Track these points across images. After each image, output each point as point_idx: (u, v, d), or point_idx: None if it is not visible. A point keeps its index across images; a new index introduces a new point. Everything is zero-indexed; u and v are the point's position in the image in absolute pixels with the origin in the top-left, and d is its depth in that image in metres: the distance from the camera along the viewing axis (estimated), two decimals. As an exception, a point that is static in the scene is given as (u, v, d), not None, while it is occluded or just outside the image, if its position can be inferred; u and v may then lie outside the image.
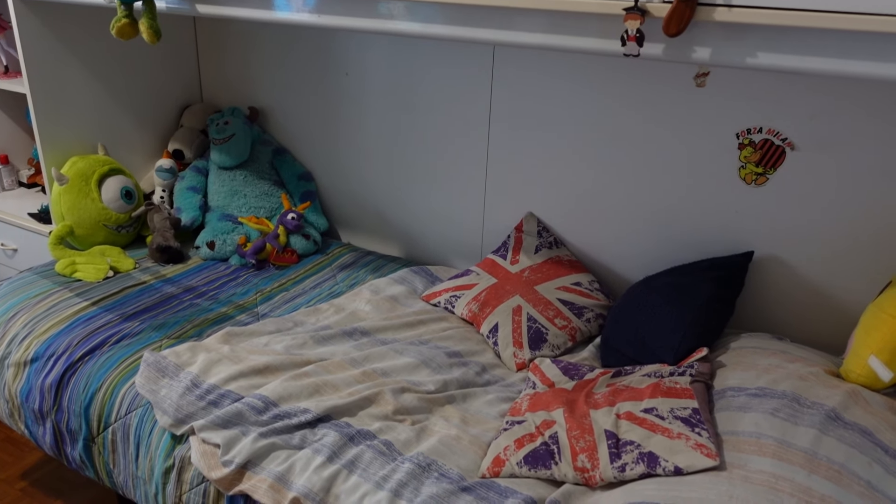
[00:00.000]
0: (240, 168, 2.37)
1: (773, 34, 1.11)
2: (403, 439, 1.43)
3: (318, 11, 1.52)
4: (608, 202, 1.95)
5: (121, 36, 1.68)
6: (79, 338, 1.74)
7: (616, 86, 1.83)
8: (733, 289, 1.71)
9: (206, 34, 2.54)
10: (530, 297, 1.87)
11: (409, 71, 2.15)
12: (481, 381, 1.68)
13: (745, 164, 1.72)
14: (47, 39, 2.11)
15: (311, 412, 1.46)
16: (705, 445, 1.23)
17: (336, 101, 2.33)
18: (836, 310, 1.73)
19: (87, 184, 2.17)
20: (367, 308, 1.94)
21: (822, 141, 1.62)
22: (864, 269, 1.67)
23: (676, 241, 1.88)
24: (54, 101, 2.18)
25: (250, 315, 1.92)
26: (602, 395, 1.46)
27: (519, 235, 2.07)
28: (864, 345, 1.40)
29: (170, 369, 1.60)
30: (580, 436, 1.34)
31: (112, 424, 1.60)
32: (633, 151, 1.86)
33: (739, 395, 1.37)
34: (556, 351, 1.79)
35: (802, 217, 1.70)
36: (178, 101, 2.57)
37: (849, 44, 1.06)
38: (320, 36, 2.27)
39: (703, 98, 1.72)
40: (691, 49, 1.16)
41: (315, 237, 2.32)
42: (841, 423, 1.26)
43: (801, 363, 1.46)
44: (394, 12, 1.43)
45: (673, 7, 1.10)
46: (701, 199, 1.81)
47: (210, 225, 2.28)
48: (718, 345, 1.65)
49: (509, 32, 1.31)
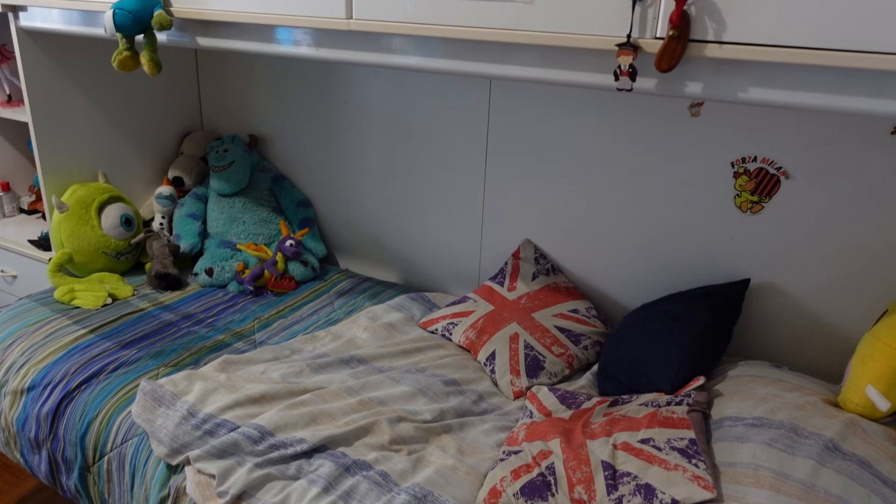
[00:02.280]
0: (239, 195, 2.38)
1: (764, 70, 1.12)
2: (399, 469, 1.42)
3: (318, 45, 1.54)
4: (605, 229, 1.96)
5: (122, 68, 1.70)
6: (76, 366, 1.74)
7: (612, 115, 1.85)
8: (730, 316, 1.72)
9: (207, 63, 2.57)
10: (527, 325, 1.88)
11: (407, 100, 2.17)
12: (478, 409, 1.68)
13: (741, 192, 1.73)
14: (50, 69, 2.14)
15: (306, 442, 1.45)
16: (702, 477, 1.22)
17: (335, 129, 2.35)
18: (833, 337, 1.73)
19: (87, 211, 2.18)
20: (364, 335, 1.94)
21: (817, 170, 1.63)
22: (861, 296, 1.67)
23: (673, 269, 1.89)
24: (56, 130, 2.20)
25: (247, 342, 1.92)
26: (599, 424, 1.46)
27: (516, 262, 2.07)
28: (861, 374, 1.40)
29: (166, 398, 1.60)
30: (577, 466, 1.34)
31: (108, 454, 1.60)
32: (629, 180, 1.88)
33: (737, 425, 1.37)
34: (553, 379, 1.79)
35: (798, 245, 1.71)
36: (179, 128, 2.59)
37: (839, 80, 1.07)
38: (319, 66, 2.30)
39: (698, 127, 1.74)
40: (683, 84, 1.18)
41: (313, 264, 2.33)
42: (839, 454, 1.25)
43: (798, 392, 1.46)
44: (392, 46, 1.45)
45: (665, 44, 1.12)
46: (697, 226, 1.82)
47: (209, 252, 2.29)
48: (716, 373, 1.65)
49: (506, 67, 1.33)
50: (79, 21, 1.87)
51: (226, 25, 1.65)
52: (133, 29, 1.66)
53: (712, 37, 1.11)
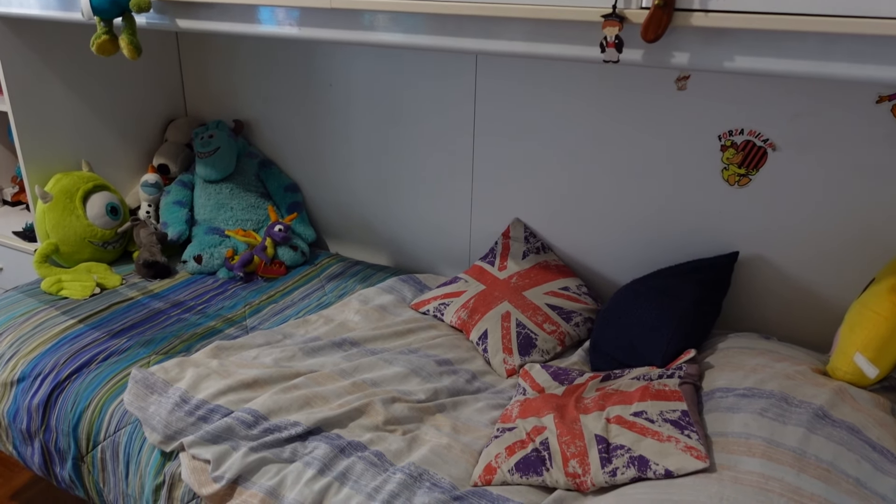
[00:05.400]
0: (226, 181, 2.36)
1: (750, 38, 1.12)
2: (394, 449, 1.42)
3: (300, 24, 1.52)
4: (593, 206, 1.96)
5: (101, 52, 1.67)
6: (66, 356, 1.73)
7: (598, 91, 1.84)
8: (719, 290, 1.72)
9: (189, 48, 2.53)
10: (519, 303, 1.88)
11: (393, 81, 2.15)
12: (471, 388, 1.68)
13: (728, 165, 1.74)
14: (28, 57, 2.10)
15: (301, 425, 1.45)
16: (695, 448, 1.23)
17: (321, 112, 2.33)
18: (821, 307, 1.75)
19: (71, 201, 2.15)
20: (356, 318, 1.94)
21: (803, 141, 1.64)
22: (848, 266, 1.68)
23: (662, 244, 1.89)
24: (36, 119, 2.17)
25: (239, 328, 1.91)
26: (592, 399, 1.47)
27: (506, 241, 2.07)
28: (850, 342, 1.41)
29: (158, 386, 1.59)
30: (571, 441, 1.34)
31: (101, 443, 1.59)
32: (616, 156, 1.87)
33: (728, 396, 1.38)
34: (545, 356, 1.79)
35: (786, 217, 1.71)
36: (162, 115, 2.56)
37: (825, 46, 1.07)
38: (303, 48, 2.28)
39: (685, 101, 1.74)
40: (670, 54, 1.17)
41: (303, 248, 2.32)
42: (829, 422, 1.27)
43: (788, 362, 1.47)
44: (375, 23, 1.43)
45: (650, 13, 1.11)
46: (685, 201, 1.82)
47: (197, 239, 2.27)
48: (706, 346, 1.66)
49: (491, 41, 1.32)
50: (56, 6, 1.83)
51: (206, 6, 1.62)
52: (110, 12, 1.63)
53: (698, 5, 1.11)
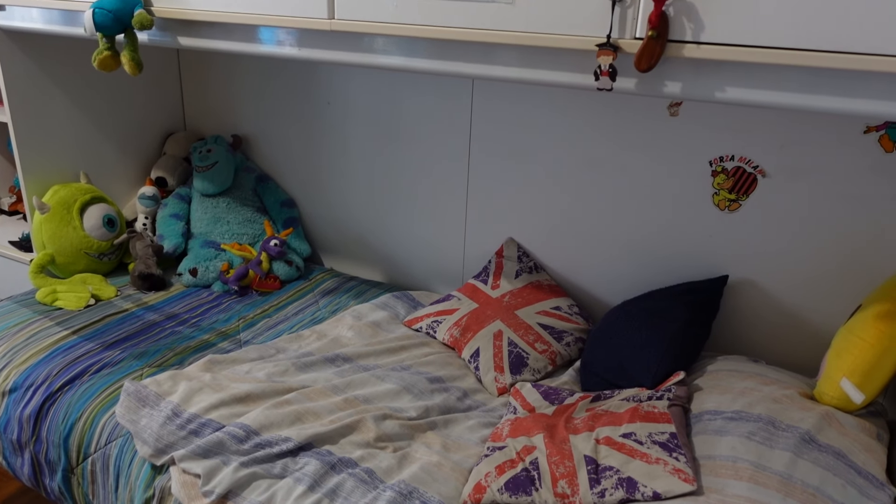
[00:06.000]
0: (223, 195, 2.38)
1: (741, 70, 1.14)
2: (385, 467, 1.43)
3: (301, 45, 1.55)
4: (586, 228, 1.98)
5: (103, 68, 1.69)
6: (58, 367, 1.73)
7: (592, 115, 1.87)
8: (709, 312, 1.74)
9: (189, 62, 2.56)
10: (511, 322, 1.89)
11: (390, 100, 2.18)
12: (463, 406, 1.69)
13: (719, 190, 1.76)
14: (29, 69, 2.12)
15: (292, 440, 1.46)
16: (683, 470, 1.25)
17: (318, 128, 2.36)
18: (809, 332, 1.77)
19: (68, 212, 2.16)
20: (349, 334, 1.95)
21: (793, 169, 1.67)
22: (836, 292, 1.71)
23: (653, 266, 1.92)
24: (36, 130, 2.18)
25: (232, 342, 1.92)
26: (582, 419, 1.48)
27: (499, 260, 2.09)
28: (836, 367, 1.43)
29: (150, 398, 1.60)
30: (560, 461, 1.36)
31: (92, 455, 1.59)
32: (609, 178, 1.90)
33: (716, 419, 1.39)
34: (536, 375, 1.80)
35: (775, 242, 1.74)
36: (161, 128, 2.58)
37: (814, 80, 1.10)
38: (302, 66, 2.30)
39: (677, 127, 1.77)
40: (662, 84, 1.20)
41: (298, 263, 2.33)
42: (815, 446, 1.28)
43: (775, 386, 1.49)
44: (375, 46, 1.46)
45: (644, 44, 1.14)
46: (676, 224, 1.85)
47: (193, 252, 2.28)
48: (695, 368, 1.68)
49: (488, 67, 1.35)
50: (59, 20, 1.86)
51: (208, 25, 1.65)
52: (113, 28, 1.66)
53: (690, 37, 1.14)
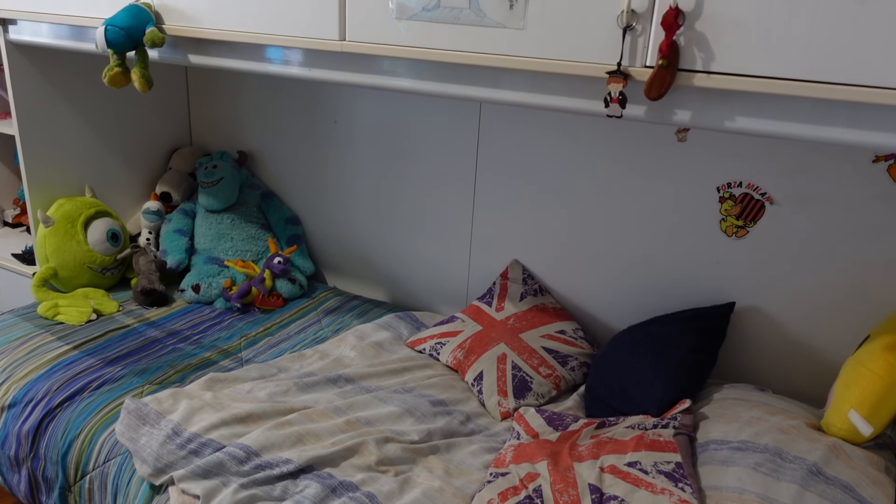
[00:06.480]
0: (227, 211, 2.38)
1: (751, 100, 1.15)
2: (386, 491, 1.41)
3: (310, 65, 1.55)
4: (592, 251, 1.98)
5: (113, 84, 1.70)
6: (59, 383, 1.72)
7: (600, 139, 1.87)
8: (715, 339, 1.73)
9: (197, 79, 2.57)
10: (515, 345, 1.88)
11: (397, 120, 2.18)
12: (465, 430, 1.68)
13: (726, 216, 1.76)
14: (38, 83, 2.13)
15: (293, 462, 1.44)
16: (689, 501, 1.23)
17: (324, 147, 2.36)
18: (816, 361, 1.75)
19: (73, 226, 2.16)
20: (351, 354, 1.94)
21: (801, 196, 1.66)
22: (843, 321, 1.69)
23: (659, 291, 1.91)
24: (43, 144, 2.19)
25: (234, 360, 1.91)
26: (586, 447, 1.46)
27: (504, 282, 2.08)
28: (844, 399, 1.42)
29: (151, 417, 1.58)
30: (564, 489, 1.34)
31: (90, 473, 1.57)
32: (616, 203, 1.90)
33: (722, 449, 1.38)
34: (540, 400, 1.79)
35: (782, 269, 1.73)
36: (167, 144, 2.59)
37: (823, 111, 1.10)
38: (310, 84, 2.31)
39: (685, 152, 1.77)
40: (672, 111, 1.20)
41: (301, 281, 2.32)
42: (822, 479, 1.27)
43: (782, 416, 1.47)
44: (384, 68, 1.47)
45: (654, 72, 1.14)
46: (683, 249, 1.84)
47: (196, 268, 2.28)
48: (701, 395, 1.66)
49: (497, 91, 1.35)
50: (68, 36, 1.87)
51: (218, 44, 1.66)
52: (125, 46, 1.66)
53: (700, 67, 1.14)
